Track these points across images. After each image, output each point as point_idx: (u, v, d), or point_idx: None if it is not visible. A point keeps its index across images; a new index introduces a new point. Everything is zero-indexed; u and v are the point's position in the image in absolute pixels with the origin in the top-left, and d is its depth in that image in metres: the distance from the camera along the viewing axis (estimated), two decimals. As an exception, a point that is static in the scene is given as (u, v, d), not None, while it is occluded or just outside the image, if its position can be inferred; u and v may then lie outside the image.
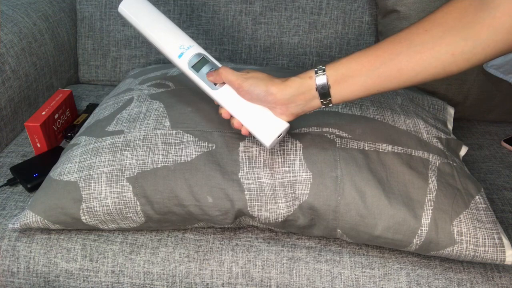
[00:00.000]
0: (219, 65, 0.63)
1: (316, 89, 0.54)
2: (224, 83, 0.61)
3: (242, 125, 0.60)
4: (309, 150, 0.63)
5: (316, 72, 0.54)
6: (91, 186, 0.63)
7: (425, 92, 0.89)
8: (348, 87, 0.54)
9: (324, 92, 0.54)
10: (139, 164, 0.64)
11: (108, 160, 0.65)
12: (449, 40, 0.48)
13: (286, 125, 0.59)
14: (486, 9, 0.46)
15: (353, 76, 0.53)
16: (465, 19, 0.47)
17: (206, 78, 0.62)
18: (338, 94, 0.54)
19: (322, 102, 0.55)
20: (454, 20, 0.48)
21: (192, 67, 0.62)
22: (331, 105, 0.56)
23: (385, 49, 0.52)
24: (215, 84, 0.61)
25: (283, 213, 0.61)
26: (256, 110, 0.59)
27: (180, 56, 0.63)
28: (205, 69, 0.62)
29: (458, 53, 0.48)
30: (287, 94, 0.55)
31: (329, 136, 0.66)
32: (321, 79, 0.54)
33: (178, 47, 0.63)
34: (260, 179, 0.62)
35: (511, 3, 0.44)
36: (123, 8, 0.65)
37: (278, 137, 0.59)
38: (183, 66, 0.63)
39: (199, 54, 0.63)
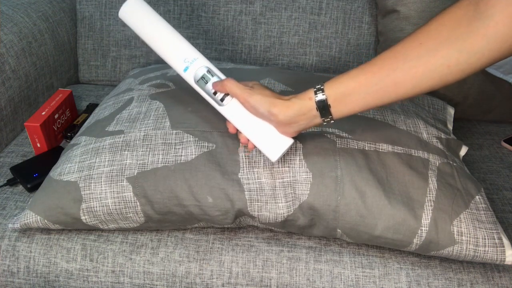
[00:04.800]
0: (224, 78, 0.62)
1: (317, 109, 0.55)
2: (229, 96, 0.60)
3: (248, 140, 0.61)
4: (309, 150, 0.63)
5: (315, 93, 0.55)
6: (91, 186, 0.63)
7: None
8: (347, 104, 0.55)
9: (324, 112, 0.55)
10: (139, 164, 0.64)
11: (108, 160, 0.65)
12: (444, 53, 0.48)
13: (291, 141, 0.60)
14: (480, 19, 0.46)
15: (352, 94, 0.54)
16: (459, 29, 0.47)
17: (212, 93, 0.61)
18: (338, 112, 0.55)
19: (323, 120, 0.56)
20: (448, 31, 0.48)
21: (197, 81, 0.61)
22: (332, 121, 0.56)
23: (381, 65, 0.52)
24: (222, 101, 0.60)
25: (283, 213, 0.61)
26: (262, 127, 0.59)
27: (185, 70, 0.62)
28: (211, 83, 0.61)
29: (453, 64, 0.48)
30: (288, 116, 0.56)
31: (329, 136, 0.66)
32: (320, 100, 0.55)
33: (183, 60, 0.62)
34: (260, 179, 0.62)
35: (505, 12, 0.44)
36: (124, 14, 0.62)
37: (283, 152, 0.60)
38: (189, 80, 0.62)
39: (204, 67, 0.62)
